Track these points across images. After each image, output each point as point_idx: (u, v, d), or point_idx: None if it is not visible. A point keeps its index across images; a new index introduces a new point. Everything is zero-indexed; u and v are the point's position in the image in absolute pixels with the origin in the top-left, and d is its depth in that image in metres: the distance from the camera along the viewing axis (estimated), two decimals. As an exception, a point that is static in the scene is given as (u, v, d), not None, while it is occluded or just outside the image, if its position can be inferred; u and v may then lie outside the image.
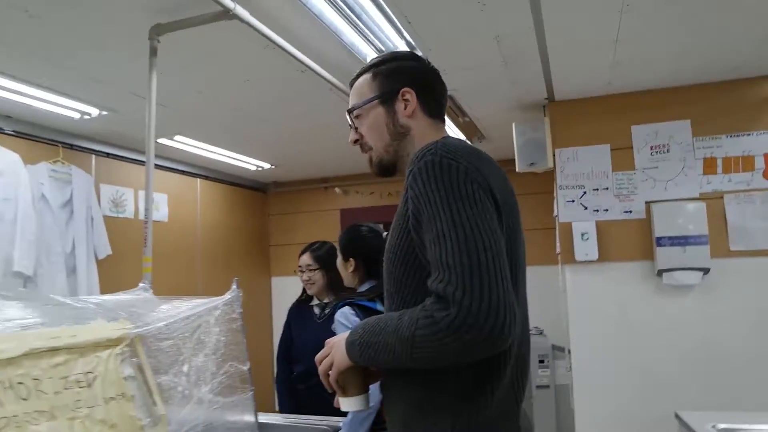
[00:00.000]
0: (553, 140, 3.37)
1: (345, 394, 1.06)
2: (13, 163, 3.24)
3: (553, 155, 3.37)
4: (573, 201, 3.33)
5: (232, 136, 3.99)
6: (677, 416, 2.22)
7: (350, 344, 1.01)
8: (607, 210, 3.25)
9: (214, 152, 4.28)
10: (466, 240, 0.88)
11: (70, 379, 1.14)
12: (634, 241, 3.21)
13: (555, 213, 3.67)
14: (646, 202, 3.22)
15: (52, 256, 3.46)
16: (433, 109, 1.18)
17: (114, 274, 3.83)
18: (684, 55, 2.78)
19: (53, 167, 3.53)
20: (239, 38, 2.28)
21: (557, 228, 3.46)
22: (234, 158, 4.56)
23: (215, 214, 5.12)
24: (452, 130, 4.03)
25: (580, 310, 3.30)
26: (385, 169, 1.18)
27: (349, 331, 1.04)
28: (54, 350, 1.13)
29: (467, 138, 4.31)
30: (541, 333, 4.52)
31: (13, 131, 3.33)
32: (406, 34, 2.38)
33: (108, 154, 3.98)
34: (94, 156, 3.88)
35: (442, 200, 0.92)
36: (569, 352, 3.40)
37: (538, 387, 4.10)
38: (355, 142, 1.21)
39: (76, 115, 3.26)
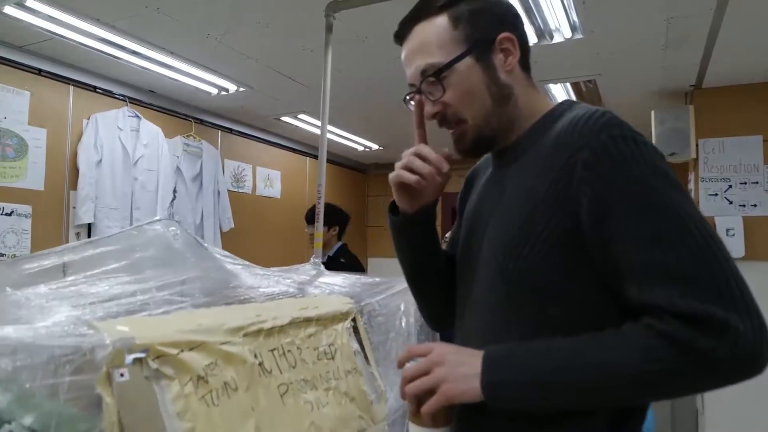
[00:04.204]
0: (696, 130, 3.18)
1: (434, 425, 0.81)
2: (156, 135, 3.37)
3: (696, 145, 3.19)
4: (716, 195, 3.14)
5: (350, 116, 4.01)
6: None
7: (492, 384, 0.73)
8: (755, 205, 3.05)
9: (331, 131, 4.32)
10: (707, 243, 0.67)
11: (319, 350, 1.16)
12: (786, 240, 3.00)
13: (689, 207, 3.49)
14: (802, 200, 3.00)
15: (184, 227, 3.60)
16: (527, 60, 0.87)
17: (234, 247, 3.95)
18: None
19: (186, 141, 3.67)
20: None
21: (693, 222, 3.27)
22: (346, 137, 4.59)
23: (320, 192, 5.18)
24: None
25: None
26: (484, 145, 0.88)
27: (475, 362, 0.74)
28: (308, 321, 1.15)
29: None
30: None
31: (154, 105, 3.47)
32: (573, 12, 2.29)
33: (231, 130, 4.09)
34: (219, 131, 4.00)
35: (654, 188, 0.69)
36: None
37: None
38: (435, 114, 0.86)
39: (214, 91, 3.36)
